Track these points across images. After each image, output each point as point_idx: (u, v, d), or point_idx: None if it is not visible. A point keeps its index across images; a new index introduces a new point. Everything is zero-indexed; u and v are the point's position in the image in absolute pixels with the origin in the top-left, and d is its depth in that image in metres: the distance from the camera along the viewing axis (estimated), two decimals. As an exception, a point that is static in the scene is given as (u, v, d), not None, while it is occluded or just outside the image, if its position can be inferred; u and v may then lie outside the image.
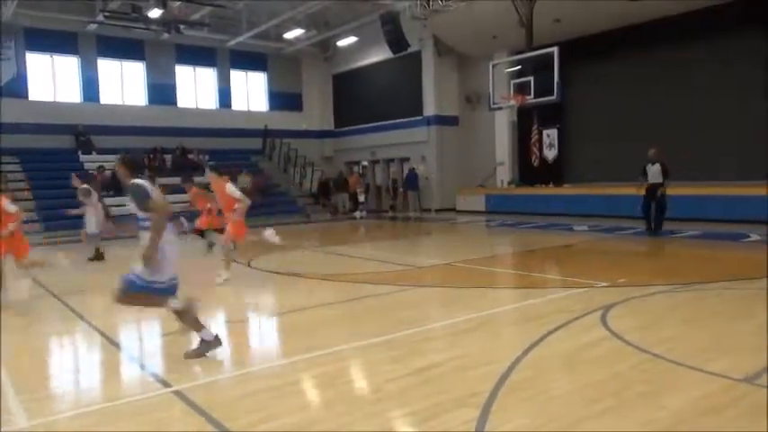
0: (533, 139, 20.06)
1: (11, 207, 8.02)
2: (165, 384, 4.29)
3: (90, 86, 21.77)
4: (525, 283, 8.38)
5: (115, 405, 3.96)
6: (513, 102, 15.86)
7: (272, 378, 4.41)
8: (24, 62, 20.50)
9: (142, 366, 4.96)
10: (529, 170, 20.39)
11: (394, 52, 21.10)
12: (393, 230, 17.71)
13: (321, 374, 4.45)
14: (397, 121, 23.27)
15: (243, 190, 22.59)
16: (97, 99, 21.92)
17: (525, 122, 20.37)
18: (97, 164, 19.84)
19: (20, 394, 4.18)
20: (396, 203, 23.20)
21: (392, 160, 24.37)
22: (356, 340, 5.24)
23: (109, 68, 22.22)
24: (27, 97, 20.54)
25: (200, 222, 11.87)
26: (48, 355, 5.63)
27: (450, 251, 12.12)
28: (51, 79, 21.21)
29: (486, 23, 18.31)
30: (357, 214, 21.62)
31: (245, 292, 8.29)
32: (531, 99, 15.10)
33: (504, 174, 21.08)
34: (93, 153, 20.67)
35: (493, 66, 16.21)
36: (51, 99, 21.04)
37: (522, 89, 15.43)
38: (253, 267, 10.15)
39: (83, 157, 20.38)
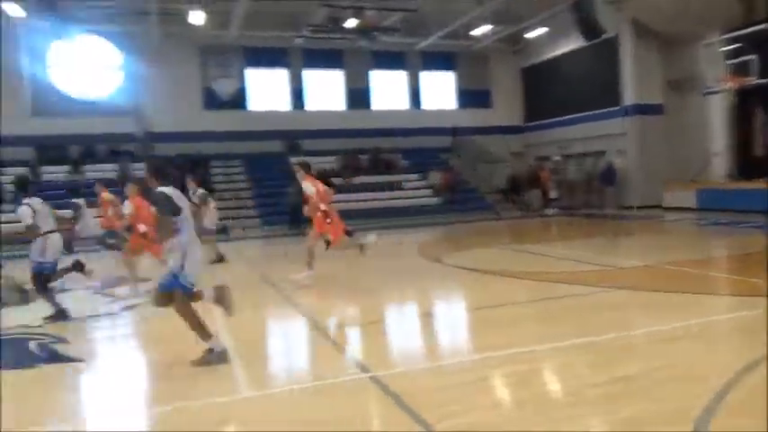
0: (757, 126, 17.54)
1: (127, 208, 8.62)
2: (364, 369, 4.57)
3: (298, 95, 24.00)
4: (743, 291, 7.34)
5: (324, 384, 4.33)
6: (730, 84, 14.07)
7: (464, 372, 4.46)
8: (244, 77, 23.29)
9: (343, 351, 5.34)
10: (752, 162, 17.86)
11: (588, 40, 19.96)
12: (588, 228, 16.76)
13: (514, 373, 4.39)
14: (592, 112, 21.96)
15: (433, 187, 23.18)
16: (304, 107, 24.07)
17: (746, 107, 17.88)
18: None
19: (244, 368, 4.76)
20: (591, 200, 21.94)
21: (586, 154, 23.09)
22: (551, 341, 5.07)
23: (313, 78, 24.27)
24: (246, 108, 23.30)
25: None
26: (265, 335, 6.33)
27: (653, 251, 11.12)
28: (266, 91, 23.74)
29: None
30: (549, 211, 20.89)
31: (437, 287, 8.49)
32: (752, 80, 13.25)
33: (720, 166, 18.76)
34: (301, 155, 22.73)
35: (705, 46, 14.53)
36: (266, 109, 23.55)
37: (741, 70, 13.62)
38: (444, 264, 10.36)
39: (291, 160, 22.50)
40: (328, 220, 8.38)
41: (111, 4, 18.94)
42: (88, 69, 21.32)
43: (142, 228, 8.40)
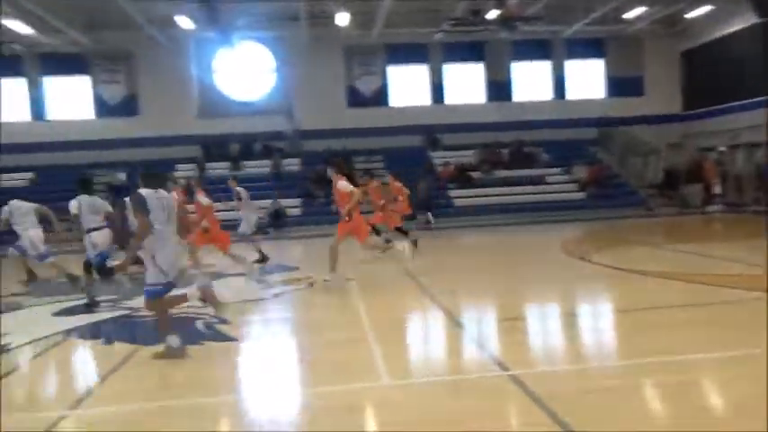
0: None
1: (204, 200, 9.08)
2: (503, 367, 4.50)
3: (438, 90, 24.11)
4: None
5: (461, 379, 4.36)
6: None
7: (610, 378, 4.24)
8: (386, 74, 23.86)
9: (482, 347, 5.30)
10: None
11: (761, 16, 17.83)
12: (758, 228, 15.00)
13: (666, 383, 4.07)
14: (765, 98, 19.61)
15: (577, 181, 22.15)
16: (443, 101, 24.13)
17: None
18: (444, 159, 21.92)
19: (385, 358, 4.90)
20: (762, 196, 19.62)
21: (758, 144, 20.65)
22: (708, 350, 4.64)
23: (453, 72, 24.22)
24: (388, 104, 23.85)
25: (373, 218, 11.73)
26: (405, 327, 6.47)
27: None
28: (407, 87, 24.09)
29: None
30: (711, 208, 19.04)
31: (581, 285, 8.12)
32: None
33: None
34: (440, 150, 22.83)
35: None
36: (407, 104, 23.92)
37: None
38: (589, 261, 9.87)
39: (431, 154, 22.69)
40: (348, 219, 8.37)
41: (267, 11, 20.36)
42: (247, 73, 23.16)
43: (205, 224, 9.01)
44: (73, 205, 7.70)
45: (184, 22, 19.12)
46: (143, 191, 5.27)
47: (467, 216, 18.91)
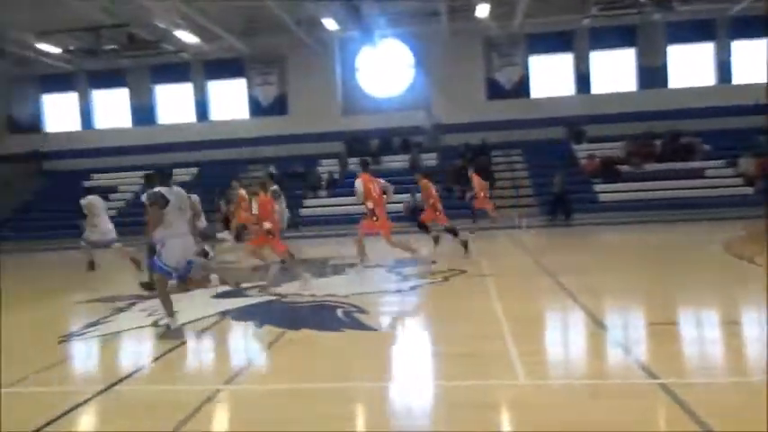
0: None
1: (254, 208, 8.94)
2: (651, 375, 4.18)
3: (583, 79, 22.95)
4: None
5: (604, 384, 4.13)
6: None
7: (779, 394, 3.78)
8: (527, 64, 23.17)
9: (627, 351, 4.97)
10: None
11: None
12: None
13: None
14: None
15: (744, 175, 20.00)
16: (588, 90, 22.91)
17: None
18: (588, 152, 20.83)
19: (522, 356, 4.77)
20: None
21: None
22: None
23: (600, 59, 22.94)
24: (529, 96, 23.14)
25: (423, 216, 11.19)
26: (544, 325, 6.25)
27: None
28: (550, 77, 23.20)
29: None
30: None
31: (746, 290, 7.31)
32: None
33: None
34: (584, 142, 21.70)
35: None
36: (549, 95, 23.04)
37: None
38: (758, 264, 8.85)
39: (574, 147, 21.65)
40: (375, 218, 8.85)
41: (408, 8, 20.64)
42: (387, 69, 23.71)
43: (267, 225, 8.92)
44: (144, 197, 8.72)
45: (330, 23, 19.99)
46: (160, 188, 5.76)
47: (613, 212, 17.83)
